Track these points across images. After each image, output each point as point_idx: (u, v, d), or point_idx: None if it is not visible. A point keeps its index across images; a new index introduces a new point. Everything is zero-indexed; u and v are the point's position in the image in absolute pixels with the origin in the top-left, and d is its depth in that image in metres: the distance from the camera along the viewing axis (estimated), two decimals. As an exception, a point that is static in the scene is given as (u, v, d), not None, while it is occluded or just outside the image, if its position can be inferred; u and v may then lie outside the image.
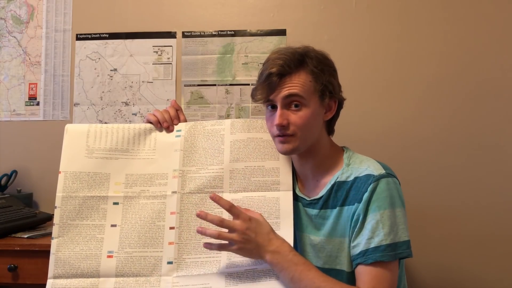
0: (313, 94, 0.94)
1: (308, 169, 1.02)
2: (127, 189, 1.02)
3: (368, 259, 0.87)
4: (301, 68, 0.94)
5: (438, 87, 1.67)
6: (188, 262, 0.97)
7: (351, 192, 0.94)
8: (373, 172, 0.92)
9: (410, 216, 1.58)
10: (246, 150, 1.04)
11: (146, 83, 1.80)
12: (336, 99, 0.99)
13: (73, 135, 1.05)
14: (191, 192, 1.02)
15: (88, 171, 1.02)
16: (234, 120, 1.08)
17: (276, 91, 0.94)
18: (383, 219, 0.88)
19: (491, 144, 1.63)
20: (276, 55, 0.96)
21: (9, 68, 1.85)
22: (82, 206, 1.00)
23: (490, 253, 1.61)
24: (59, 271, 0.96)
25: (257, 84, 0.99)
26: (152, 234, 0.99)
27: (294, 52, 0.95)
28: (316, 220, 1.00)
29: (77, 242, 0.98)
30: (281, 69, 0.92)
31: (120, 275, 0.96)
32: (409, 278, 1.57)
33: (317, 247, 0.99)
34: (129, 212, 1.01)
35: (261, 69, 0.98)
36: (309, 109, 0.94)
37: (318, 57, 0.96)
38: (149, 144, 1.06)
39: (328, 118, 1.00)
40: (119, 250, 0.98)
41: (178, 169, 1.04)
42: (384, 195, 0.90)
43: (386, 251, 0.87)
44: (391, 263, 0.88)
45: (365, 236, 0.89)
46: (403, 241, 0.89)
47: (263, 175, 1.02)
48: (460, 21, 1.67)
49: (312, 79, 0.94)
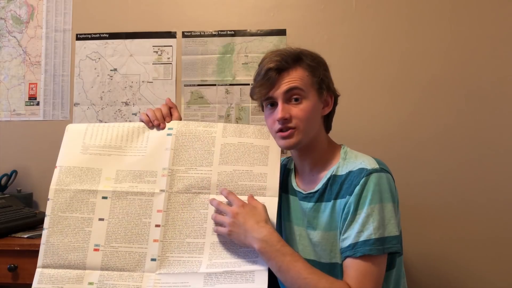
0: (311, 87, 0.97)
1: (307, 164, 1.04)
2: (116, 184, 1.04)
3: (356, 252, 0.88)
4: (298, 64, 0.97)
5: (438, 87, 1.67)
6: (171, 260, 0.99)
7: (344, 185, 0.95)
8: (367, 166, 0.93)
9: (410, 216, 1.59)
10: (236, 154, 1.05)
11: (146, 83, 1.80)
12: (332, 94, 1.02)
13: (72, 133, 1.09)
14: (179, 191, 1.04)
15: (81, 166, 1.05)
16: (227, 124, 1.09)
17: (276, 87, 0.96)
18: (373, 213, 0.89)
19: (492, 144, 1.63)
20: (272, 53, 0.99)
21: (9, 68, 1.85)
22: (72, 199, 1.02)
23: (490, 253, 1.61)
24: (48, 261, 0.98)
25: (255, 82, 1.00)
26: (138, 230, 1.01)
27: (290, 50, 0.98)
28: (311, 214, 1.01)
29: (66, 233, 1.00)
30: (279, 64, 0.95)
31: (105, 268, 0.98)
32: (409, 278, 1.57)
33: (313, 241, 1.00)
34: (117, 207, 1.02)
35: (258, 68, 1.00)
36: (309, 102, 0.96)
37: (312, 55, 1.00)
38: (141, 142, 1.07)
39: (325, 113, 1.02)
40: (105, 244, 1.00)
41: (167, 168, 1.05)
42: (375, 189, 0.90)
43: (375, 245, 0.88)
44: (379, 257, 0.89)
45: (355, 230, 0.90)
46: (393, 236, 0.90)
47: (250, 179, 1.03)
48: (461, 21, 1.67)
49: (309, 74, 0.97)
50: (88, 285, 0.97)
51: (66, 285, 0.97)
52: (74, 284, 0.97)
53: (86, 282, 0.97)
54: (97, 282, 0.97)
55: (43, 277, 0.97)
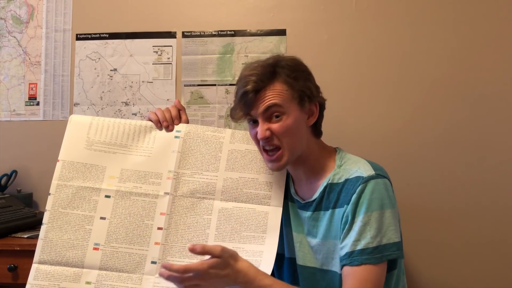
0: (291, 101, 0.94)
1: (302, 173, 1.03)
2: (120, 183, 1.03)
3: (353, 261, 0.87)
4: (275, 79, 0.94)
5: (439, 87, 1.66)
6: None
7: (341, 194, 0.94)
8: (363, 174, 0.92)
9: (410, 217, 1.59)
10: (243, 161, 1.05)
11: (146, 83, 1.80)
12: (316, 102, 0.99)
13: (75, 125, 1.06)
14: (183, 195, 1.03)
15: (85, 162, 1.03)
16: (236, 131, 1.08)
17: (255, 107, 0.94)
18: (370, 221, 0.88)
19: (493, 146, 1.63)
20: (247, 71, 0.96)
21: (9, 68, 1.85)
22: (74, 196, 1.01)
23: (490, 254, 1.61)
24: (45, 257, 0.97)
25: (234, 104, 0.98)
26: (139, 232, 1.00)
27: (265, 65, 0.95)
28: (310, 222, 1.00)
29: (65, 230, 0.99)
30: (255, 86, 0.93)
31: (103, 268, 0.97)
32: (409, 278, 1.57)
33: (314, 248, 1.00)
34: (119, 206, 1.01)
35: (236, 88, 0.98)
36: (290, 117, 0.94)
37: (289, 65, 0.96)
38: (147, 142, 1.06)
39: (311, 123, 0.99)
40: (105, 243, 0.99)
41: (173, 171, 1.04)
42: (372, 197, 0.89)
43: (373, 253, 0.87)
44: (378, 265, 0.87)
45: (351, 238, 0.89)
46: (392, 243, 0.88)
47: (255, 188, 1.03)
48: (463, 21, 1.67)
49: (288, 87, 0.94)
50: (85, 285, 0.96)
51: (63, 283, 0.95)
52: (71, 282, 0.95)
53: (84, 281, 0.96)
54: (95, 281, 0.96)
55: (39, 274, 0.96)
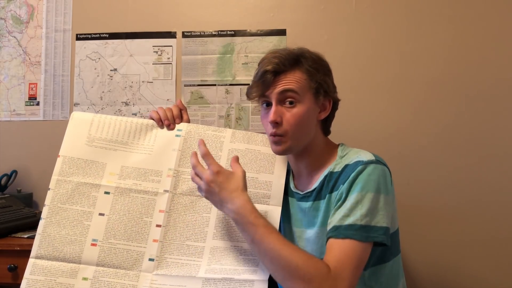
0: (308, 91, 0.95)
1: (303, 167, 1.03)
2: (120, 180, 1.03)
3: (339, 234, 0.86)
4: (296, 67, 0.96)
5: (439, 87, 1.66)
6: (169, 261, 0.98)
7: (340, 178, 0.94)
8: (363, 159, 0.92)
9: (410, 216, 1.59)
10: (243, 160, 1.05)
11: (146, 83, 1.80)
12: (330, 98, 1.00)
13: (77, 122, 1.07)
14: (182, 193, 1.03)
15: (86, 158, 1.03)
16: (236, 131, 1.09)
17: (271, 88, 0.95)
18: (363, 200, 0.87)
19: (493, 145, 1.63)
20: (272, 54, 0.97)
21: (9, 68, 1.85)
22: (74, 191, 1.01)
23: (490, 253, 1.61)
24: (42, 252, 0.97)
25: (252, 82, 1.00)
26: (138, 229, 1.00)
27: (290, 52, 0.97)
28: (310, 213, 1.00)
29: (63, 225, 0.99)
30: (276, 67, 0.94)
31: (101, 264, 0.97)
32: (409, 278, 1.57)
33: (311, 239, 0.99)
34: (118, 203, 1.02)
35: (257, 68, 0.99)
36: (303, 106, 0.95)
37: (313, 57, 0.98)
38: (148, 140, 1.07)
39: (322, 117, 1.00)
40: (103, 239, 0.99)
41: (173, 169, 1.04)
42: (369, 178, 0.89)
43: (359, 230, 0.85)
44: (363, 244, 0.85)
45: (341, 214, 0.88)
46: (380, 227, 0.87)
47: (255, 187, 1.03)
48: (462, 20, 1.67)
49: (307, 77, 0.95)
50: (82, 280, 0.95)
51: (60, 279, 0.95)
52: (68, 278, 0.95)
53: (80, 277, 0.95)
54: (92, 277, 0.96)
55: (36, 268, 0.95)
